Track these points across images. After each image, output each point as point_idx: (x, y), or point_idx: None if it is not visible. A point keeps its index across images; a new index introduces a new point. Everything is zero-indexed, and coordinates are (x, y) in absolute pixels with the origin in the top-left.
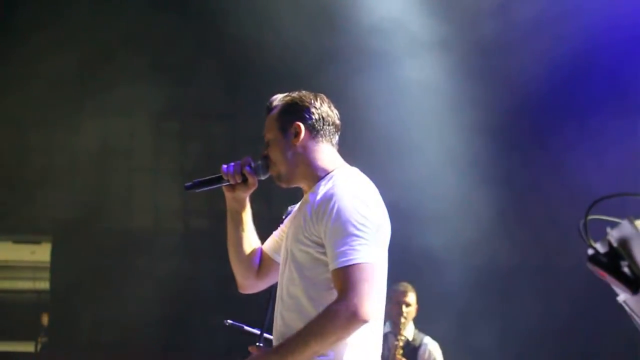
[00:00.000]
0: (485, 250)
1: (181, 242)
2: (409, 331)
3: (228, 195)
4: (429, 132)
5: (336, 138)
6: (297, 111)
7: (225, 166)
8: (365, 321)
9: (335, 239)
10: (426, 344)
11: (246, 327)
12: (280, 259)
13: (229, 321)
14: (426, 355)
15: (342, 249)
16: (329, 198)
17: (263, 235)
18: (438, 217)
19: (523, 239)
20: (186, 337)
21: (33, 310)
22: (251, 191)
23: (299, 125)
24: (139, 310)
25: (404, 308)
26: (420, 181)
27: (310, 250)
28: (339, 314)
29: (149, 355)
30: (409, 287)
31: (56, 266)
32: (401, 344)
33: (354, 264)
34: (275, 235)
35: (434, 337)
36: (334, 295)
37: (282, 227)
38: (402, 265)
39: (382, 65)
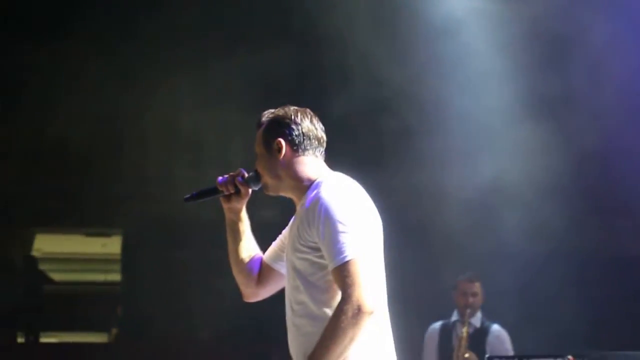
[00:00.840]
0: (565, 237)
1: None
2: (476, 319)
3: (225, 206)
4: (514, 117)
5: (320, 150)
6: (279, 128)
7: (220, 178)
8: (370, 312)
9: (327, 240)
10: (494, 332)
11: None
12: (279, 267)
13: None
14: (494, 343)
15: (335, 248)
16: (315, 203)
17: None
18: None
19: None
20: (265, 331)
21: (105, 302)
22: (244, 201)
23: (280, 142)
24: (214, 304)
25: (470, 298)
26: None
27: (308, 257)
28: (346, 313)
29: (221, 349)
30: (474, 276)
31: (127, 259)
32: (465, 334)
33: (348, 260)
34: (274, 245)
35: (503, 325)
36: (338, 294)
37: (281, 237)
38: (483, 254)
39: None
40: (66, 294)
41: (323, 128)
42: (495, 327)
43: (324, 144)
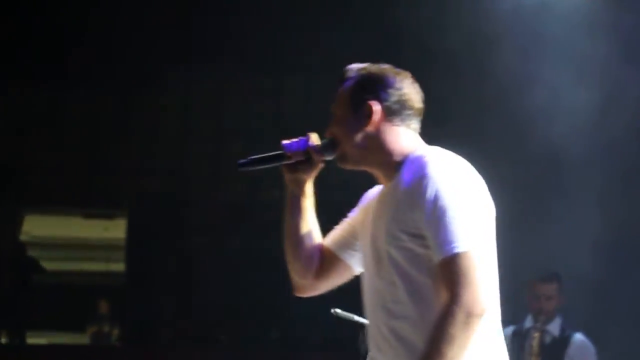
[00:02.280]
0: None
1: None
2: (554, 327)
3: (288, 176)
4: None
5: (417, 122)
6: (372, 88)
7: (286, 142)
8: (482, 315)
9: (436, 225)
10: (576, 342)
11: (356, 317)
12: (347, 257)
13: (337, 310)
14: (576, 356)
15: (445, 236)
16: (419, 181)
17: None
18: None
19: None
20: (287, 328)
21: (103, 296)
22: (315, 172)
23: (372, 105)
24: (230, 298)
25: (543, 302)
26: None
27: (411, 245)
28: (455, 316)
29: (234, 350)
30: (550, 276)
31: (132, 245)
32: (536, 342)
33: (460, 252)
34: (340, 229)
35: (587, 335)
36: (443, 293)
37: (349, 222)
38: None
39: None
40: (59, 285)
41: (423, 97)
42: (578, 337)
43: (421, 114)
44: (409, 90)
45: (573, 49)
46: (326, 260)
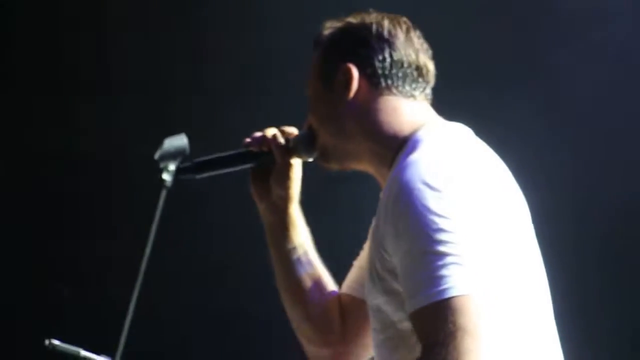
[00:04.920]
0: None
1: None
2: None
3: (255, 192)
4: None
5: (422, 87)
6: (347, 46)
7: (247, 139)
8: None
9: (406, 263)
10: None
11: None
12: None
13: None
14: None
15: (418, 278)
16: (392, 193)
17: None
18: None
19: None
20: None
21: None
22: (292, 183)
23: (348, 70)
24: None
25: None
26: None
27: (389, 286)
28: None
29: None
30: None
31: None
32: None
33: (437, 301)
34: (357, 264)
35: None
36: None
37: (366, 245)
38: None
39: None
40: None
41: (429, 49)
42: None
43: (431, 77)
44: (405, 42)
45: None
46: (349, 309)
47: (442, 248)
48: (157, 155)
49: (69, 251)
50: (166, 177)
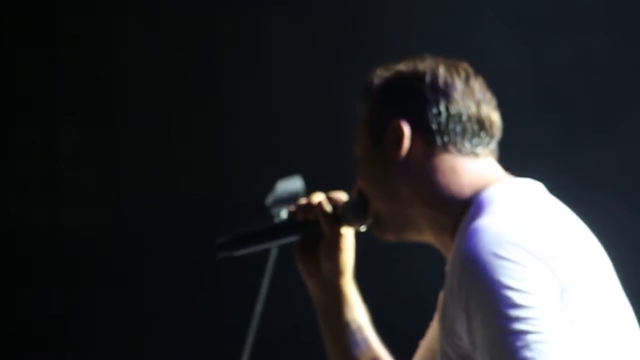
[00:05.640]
0: None
1: None
2: None
3: (303, 269)
4: None
5: (486, 141)
6: (398, 99)
7: (291, 208)
8: None
9: (484, 347)
10: None
11: None
12: None
13: None
14: None
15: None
16: (457, 268)
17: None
18: None
19: None
20: None
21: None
22: (345, 257)
23: (398, 126)
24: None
25: None
26: None
27: None
28: None
29: None
30: None
31: None
32: None
33: None
34: (425, 345)
35: None
36: None
37: (433, 325)
38: None
39: None
40: None
41: (493, 99)
42: None
43: (495, 131)
44: (464, 92)
45: None
46: None
47: (521, 326)
48: (268, 201)
49: None
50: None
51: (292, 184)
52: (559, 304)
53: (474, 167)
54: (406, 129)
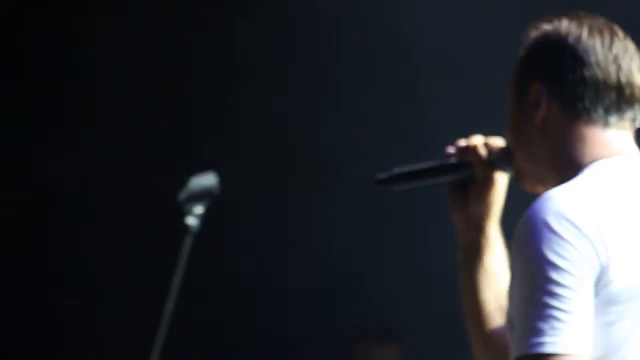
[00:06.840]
0: None
1: None
2: None
3: (454, 208)
4: None
5: (622, 113)
6: (540, 60)
7: (451, 148)
8: None
9: (515, 311)
10: None
11: None
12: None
13: None
14: None
15: (520, 331)
16: (518, 227)
17: None
18: None
19: None
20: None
21: None
22: (494, 199)
23: (538, 89)
24: None
25: None
26: None
27: None
28: None
29: None
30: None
31: None
32: None
33: (530, 354)
34: None
35: None
36: None
37: None
38: None
39: None
40: None
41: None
42: None
43: (636, 100)
44: (606, 57)
45: None
46: None
47: (551, 301)
48: (181, 197)
49: None
50: (192, 222)
51: (206, 180)
52: (596, 288)
53: (602, 137)
54: (544, 93)
